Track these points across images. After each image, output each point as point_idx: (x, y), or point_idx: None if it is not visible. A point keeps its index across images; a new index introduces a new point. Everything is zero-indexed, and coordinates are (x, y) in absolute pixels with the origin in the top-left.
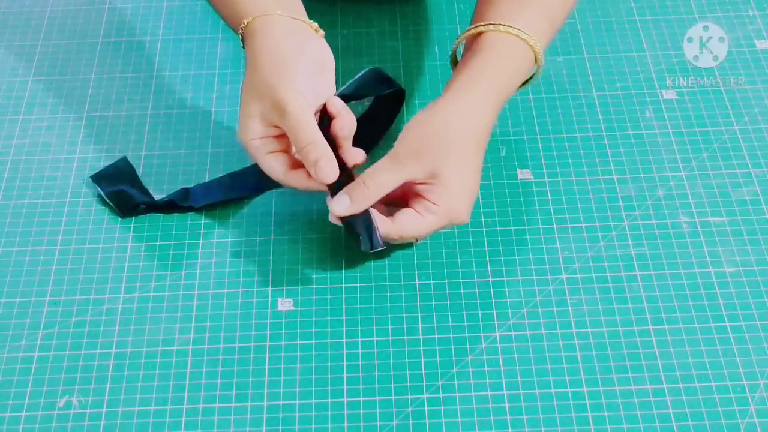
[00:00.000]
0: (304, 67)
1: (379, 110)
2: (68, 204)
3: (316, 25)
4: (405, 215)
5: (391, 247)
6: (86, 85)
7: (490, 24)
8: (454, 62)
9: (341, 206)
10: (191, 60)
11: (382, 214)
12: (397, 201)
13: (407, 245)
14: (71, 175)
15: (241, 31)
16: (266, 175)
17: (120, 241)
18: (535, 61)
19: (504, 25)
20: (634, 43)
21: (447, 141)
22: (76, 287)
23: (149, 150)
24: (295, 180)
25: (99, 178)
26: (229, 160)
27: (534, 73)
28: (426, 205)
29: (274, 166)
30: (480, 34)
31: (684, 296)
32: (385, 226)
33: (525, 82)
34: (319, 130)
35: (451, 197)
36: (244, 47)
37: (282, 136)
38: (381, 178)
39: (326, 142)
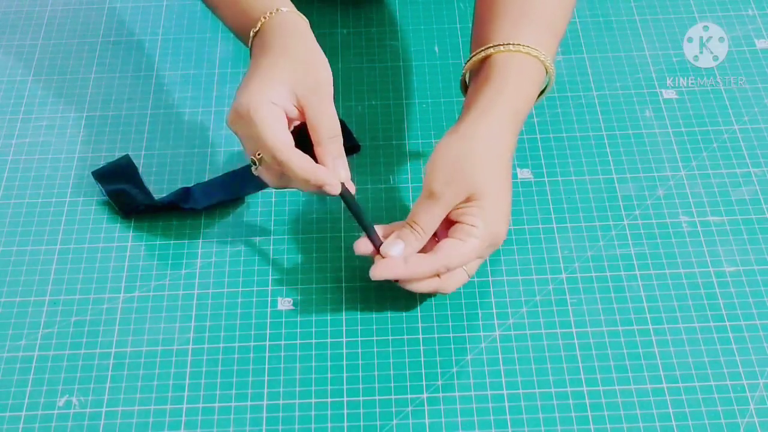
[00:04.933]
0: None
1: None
2: (68, 204)
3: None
4: (446, 245)
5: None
6: (86, 85)
7: (500, 45)
8: (464, 86)
9: (396, 250)
10: (191, 60)
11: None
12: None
13: (464, 288)
14: (71, 174)
15: (263, 20)
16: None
17: (120, 241)
18: (546, 72)
19: (512, 44)
20: (634, 43)
21: (474, 163)
22: (76, 287)
23: (149, 150)
24: (301, 160)
25: (100, 176)
26: (229, 160)
27: (547, 84)
28: (465, 229)
29: (287, 137)
30: (489, 56)
31: (684, 296)
32: (428, 262)
33: (540, 94)
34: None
35: (488, 216)
36: (254, 37)
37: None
38: (423, 218)
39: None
